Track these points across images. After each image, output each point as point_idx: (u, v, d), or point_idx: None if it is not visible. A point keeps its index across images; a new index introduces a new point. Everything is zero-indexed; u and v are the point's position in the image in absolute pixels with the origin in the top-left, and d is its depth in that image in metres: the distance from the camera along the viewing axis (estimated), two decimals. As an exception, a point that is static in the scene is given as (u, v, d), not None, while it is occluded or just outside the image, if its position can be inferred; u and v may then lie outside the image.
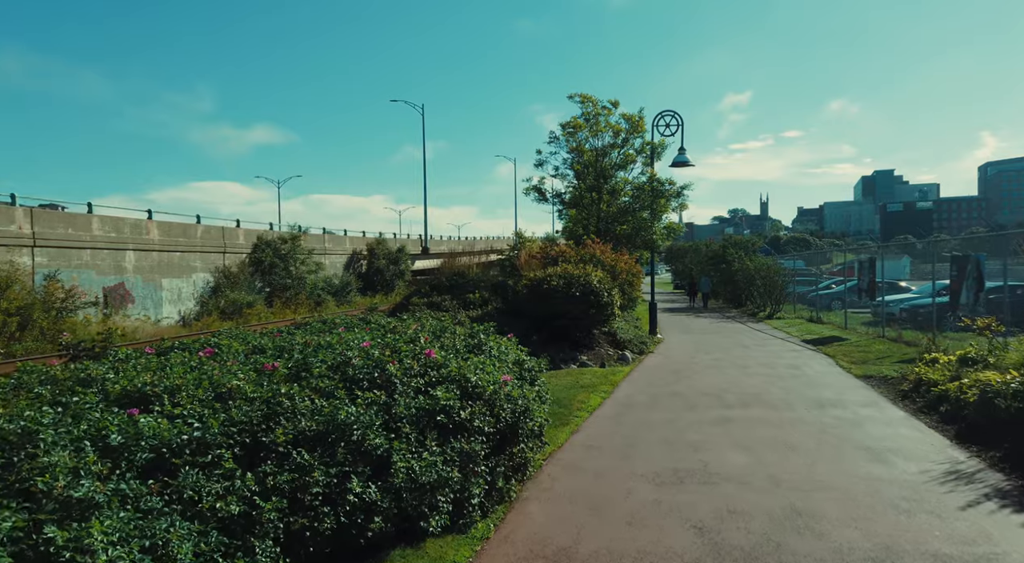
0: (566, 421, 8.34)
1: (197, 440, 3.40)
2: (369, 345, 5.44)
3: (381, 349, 5.45)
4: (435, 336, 7.27)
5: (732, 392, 10.15)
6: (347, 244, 40.57)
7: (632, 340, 15.50)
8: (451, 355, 5.98)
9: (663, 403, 9.46)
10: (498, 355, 7.09)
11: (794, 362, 13.72)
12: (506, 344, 7.80)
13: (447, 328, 7.73)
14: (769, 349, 16.16)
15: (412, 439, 4.51)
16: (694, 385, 10.89)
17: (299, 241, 32.96)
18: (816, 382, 11.02)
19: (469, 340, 7.05)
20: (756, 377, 11.67)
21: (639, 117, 18.87)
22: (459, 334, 7.43)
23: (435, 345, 6.73)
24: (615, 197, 19.88)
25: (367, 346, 5.40)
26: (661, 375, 12.12)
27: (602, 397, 9.97)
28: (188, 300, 26.63)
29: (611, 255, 15.96)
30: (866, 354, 14.65)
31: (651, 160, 18.79)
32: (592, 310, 13.56)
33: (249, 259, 30.64)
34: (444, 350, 6.47)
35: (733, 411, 8.76)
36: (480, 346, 7.02)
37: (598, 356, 13.90)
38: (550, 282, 13.52)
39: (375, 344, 5.63)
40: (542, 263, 15.67)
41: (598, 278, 13.84)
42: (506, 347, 7.52)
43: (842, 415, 8.38)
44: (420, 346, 5.82)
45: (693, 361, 13.92)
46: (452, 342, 6.85)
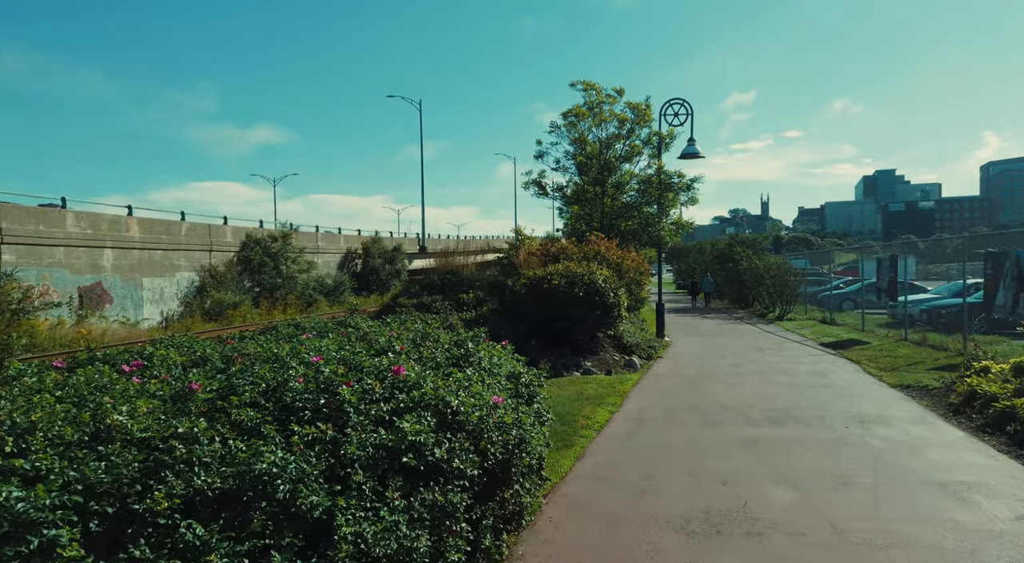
0: (570, 442, 7.16)
1: (14, 515, 2.22)
2: (321, 360, 4.25)
3: (336, 365, 4.26)
4: (414, 344, 6.09)
5: (756, 406, 8.96)
6: (341, 243, 39.38)
7: (640, 344, 14.32)
8: (429, 370, 4.80)
9: (680, 419, 8.27)
10: (489, 367, 5.91)
11: (817, 368, 12.55)
12: (499, 353, 6.61)
13: (431, 334, 6.54)
14: (786, 353, 14.99)
15: (366, 491, 3.33)
16: (712, 396, 9.71)
17: (290, 239, 31.78)
18: (849, 393, 9.84)
19: (454, 350, 5.87)
20: (780, 387, 10.49)
21: (646, 106, 17.66)
22: (443, 342, 6.24)
23: (413, 356, 5.53)
24: (620, 191, 18.66)
25: (318, 361, 4.21)
26: (674, 384, 10.94)
27: (610, 411, 8.79)
28: (171, 300, 25.44)
29: (617, 252, 14.77)
30: (893, 359, 13.48)
31: (658, 151, 17.60)
32: (597, 312, 12.38)
33: (237, 258, 29.46)
34: (422, 363, 5.28)
35: (762, 430, 7.57)
36: (467, 357, 5.83)
37: (603, 362, 12.72)
38: (551, 281, 12.34)
39: (329, 358, 4.44)
40: (542, 261, 14.49)
41: (603, 277, 12.66)
42: (499, 357, 6.33)
43: (891, 436, 7.20)
44: (390, 359, 4.63)
45: (707, 367, 12.74)
46: (433, 352, 5.67)
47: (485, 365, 5.88)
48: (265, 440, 3.21)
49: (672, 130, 17.40)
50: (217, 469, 2.91)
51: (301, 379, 3.89)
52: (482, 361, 5.89)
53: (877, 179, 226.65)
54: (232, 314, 22.64)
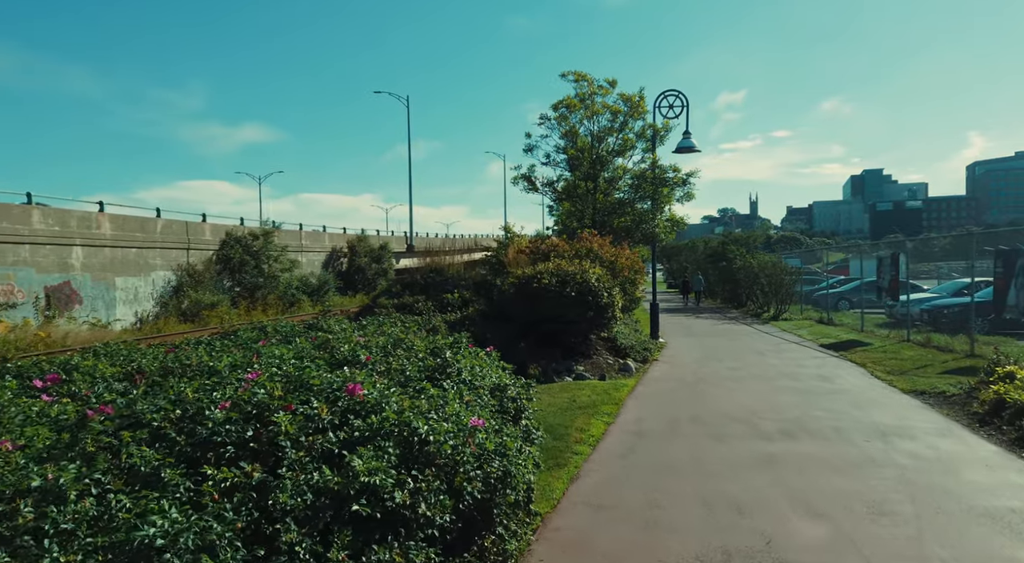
0: (563, 460, 6.39)
1: None
2: (257, 377, 3.44)
3: (276, 383, 3.46)
4: (384, 353, 5.30)
5: (765, 415, 8.24)
6: (326, 241, 38.42)
7: (634, 346, 13.58)
8: (395, 387, 4.01)
9: (683, 432, 7.53)
10: (471, 379, 5.13)
11: (822, 372, 11.87)
12: (483, 362, 5.83)
13: (404, 340, 5.75)
14: (788, 356, 14.32)
15: (301, 553, 2.54)
16: (716, 405, 8.98)
17: (272, 237, 30.79)
18: (861, 400, 9.14)
19: (429, 359, 5.08)
20: (786, 393, 9.79)
21: (639, 98, 16.92)
22: (418, 349, 5.46)
23: (380, 368, 4.74)
24: (612, 186, 17.87)
25: (253, 379, 3.41)
26: (673, 390, 10.20)
27: (606, 422, 8.03)
28: (146, 300, 24.43)
29: (610, 249, 14.02)
30: (900, 362, 12.84)
31: (653, 145, 16.86)
32: (590, 313, 11.63)
33: (216, 256, 28.45)
34: (390, 376, 4.49)
35: (775, 445, 6.84)
36: (445, 367, 5.05)
37: (597, 366, 11.97)
38: (541, 280, 11.57)
39: (272, 374, 3.64)
40: (532, 259, 13.71)
41: (597, 275, 11.91)
42: (482, 367, 5.55)
43: (918, 451, 6.49)
44: (345, 375, 3.83)
45: (706, 371, 12.03)
46: (404, 363, 4.88)
47: (466, 376, 5.10)
48: (162, 491, 2.41)
49: (667, 122, 16.69)
50: (82, 541, 2.11)
51: (227, 404, 3.09)
52: (462, 372, 5.11)
53: (865, 178, 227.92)
54: (208, 315, 21.67)
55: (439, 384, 4.77)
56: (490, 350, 6.53)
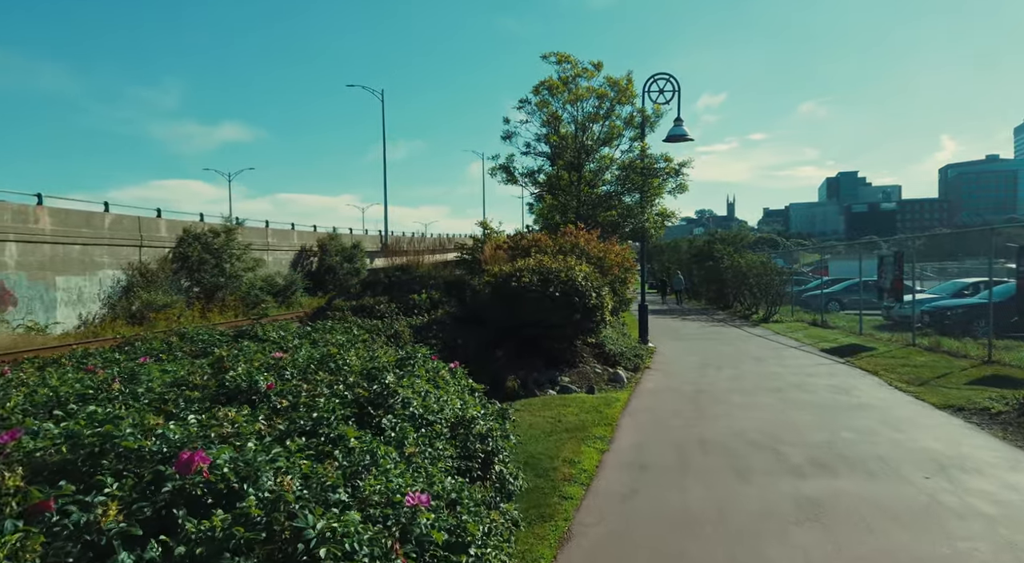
0: (548, 510, 4.94)
1: None
2: (13, 438, 1.93)
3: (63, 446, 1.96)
4: (303, 374, 3.80)
5: (787, 439, 6.89)
6: (295, 239, 36.56)
7: (624, 353, 12.20)
8: (291, 439, 2.53)
9: (695, 464, 6.13)
10: (422, 412, 3.65)
11: (834, 382, 10.61)
12: (443, 385, 4.37)
13: (336, 357, 4.25)
14: (790, 362, 13.07)
15: None
16: (725, 424, 7.61)
17: (235, 235, 28.89)
18: (892, 418, 7.84)
19: (360, 387, 3.59)
20: (802, 408, 8.47)
21: (627, 82, 15.54)
22: (353, 368, 3.96)
23: (285, 401, 3.25)
24: (598, 177, 16.47)
25: (9, 441, 1.91)
26: (672, 406, 8.82)
27: (599, 449, 6.60)
28: (92, 302, 22.48)
29: (598, 245, 12.62)
30: (915, 370, 11.64)
31: (642, 132, 15.50)
32: (576, 316, 10.21)
33: (173, 254, 26.52)
34: (291, 418, 3.00)
35: (813, 483, 5.48)
36: (384, 397, 3.57)
37: (584, 376, 10.55)
38: (520, 278, 10.13)
39: (58, 432, 2.13)
40: (511, 256, 12.28)
41: (584, 273, 10.51)
42: (441, 393, 4.09)
43: (997, 493, 5.16)
44: (181, 432, 2.33)
45: (705, 381, 10.69)
46: (323, 392, 3.39)
47: (416, 408, 3.61)
48: None
49: (658, 107, 15.37)
50: None
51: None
52: (410, 403, 3.62)
53: (840, 181, 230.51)
54: (156, 317, 19.85)
55: (374, 424, 3.30)
56: (455, 367, 5.07)
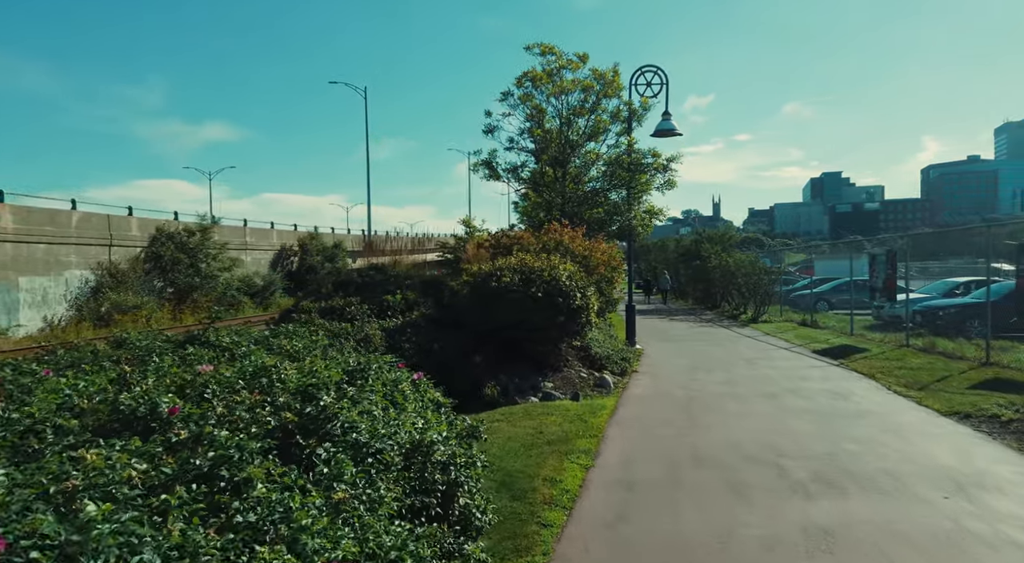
0: (525, 540, 4.34)
1: None
2: None
3: None
4: (230, 390, 3.16)
5: (786, 450, 6.35)
6: (274, 238, 35.70)
7: (611, 356, 11.64)
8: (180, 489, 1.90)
9: (688, 481, 5.56)
10: (368, 439, 3.03)
11: (829, 386, 10.13)
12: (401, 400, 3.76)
13: (274, 369, 3.60)
14: (782, 365, 12.59)
15: None
16: (719, 434, 7.05)
17: (210, 234, 28.05)
18: (896, 426, 7.33)
19: (287, 411, 2.95)
20: (799, 416, 7.94)
21: (613, 74, 14.98)
22: (288, 383, 3.32)
23: (190, 427, 2.61)
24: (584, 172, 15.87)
25: None
26: (662, 414, 8.26)
27: (583, 465, 6.01)
28: (57, 303, 21.57)
29: (583, 242, 12.04)
30: (912, 373, 11.20)
31: (628, 126, 14.94)
32: (560, 317, 9.63)
33: (145, 254, 25.63)
34: (196, 450, 2.36)
35: (819, 504, 4.92)
36: (321, 422, 2.93)
37: (568, 382, 9.97)
38: (501, 278, 9.52)
39: None
40: (492, 254, 11.68)
41: (568, 273, 9.92)
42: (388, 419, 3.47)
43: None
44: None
45: (696, 386, 10.15)
46: (240, 411, 2.76)
47: (363, 434, 2.99)
48: None
49: (645, 100, 14.78)
50: None
51: None
52: (355, 427, 3.00)
53: (824, 181, 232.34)
54: (122, 319, 19.00)
55: (304, 456, 2.67)
56: (418, 378, 4.45)
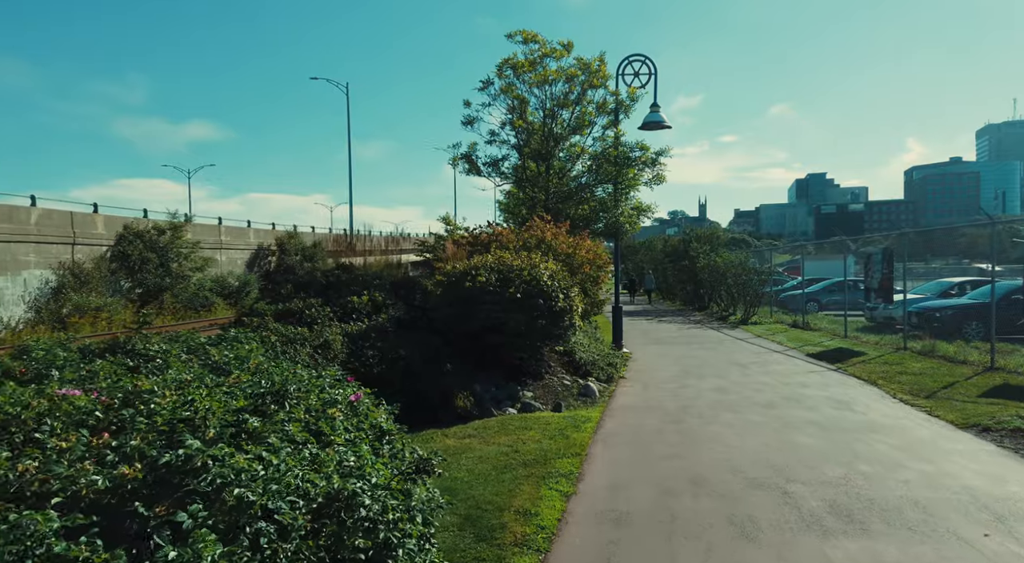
0: (488, 598, 3.53)
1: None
2: None
3: None
4: (74, 426, 2.30)
5: (795, 474, 5.58)
6: (251, 237, 34.58)
7: (596, 362, 10.86)
8: None
9: (686, 513, 4.77)
10: (260, 497, 2.18)
11: (831, 394, 9.43)
12: (329, 430, 2.94)
13: (144, 396, 2.75)
14: (777, 370, 11.91)
15: None
16: (718, 454, 6.28)
17: (181, 232, 26.93)
18: (911, 443, 6.61)
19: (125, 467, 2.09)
20: (803, 430, 7.20)
21: (599, 64, 14.16)
22: (158, 415, 2.47)
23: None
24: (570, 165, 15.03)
25: None
26: (653, 427, 7.47)
27: (563, 494, 5.20)
28: (14, 304, 20.42)
29: (567, 239, 11.23)
30: (915, 379, 10.55)
31: (615, 118, 14.16)
32: (541, 321, 8.82)
33: (112, 253, 24.49)
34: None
35: (840, 545, 4.16)
36: (184, 475, 2.09)
37: (550, 390, 9.17)
38: (476, 277, 8.70)
39: None
40: (469, 251, 10.86)
41: (550, 272, 9.12)
42: (286, 468, 2.63)
43: (1081, 557, 3.90)
44: None
45: (688, 394, 9.40)
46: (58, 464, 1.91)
47: (250, 488, 2.13)
48: None
49: (633, 90, 13.99)
50: None
51: None
52: (240, 479, 2.14)
53: (809, 182, 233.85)
54: (79, 321, 17.93)
55: (148, 533, 1.83)
56: (355, 399, 3.61)
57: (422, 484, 3.38)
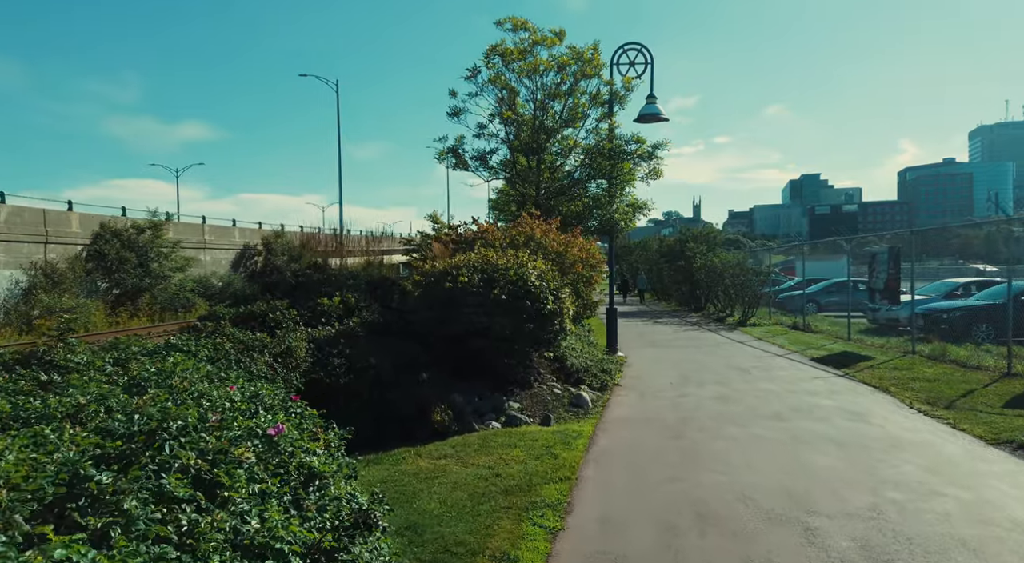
0: None
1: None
2: None
3: None
4: None
5: (817, 506, 4.84)
6: (236, 237, 33.71)
7: (589, 368, 10.11)
8: None
9: (692, 557, 4.02)
10: None
11: (842, 403, 8.72)
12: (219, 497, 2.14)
13: None
14: (780, 375, 11.21)
15: None
16: (728, 478, 5.54)
17: (162, 230, 26.04)
18: (942, 465, 5.89)
19: None
20: (819, 447, 6.47)
21: (592, 52, 13.40)
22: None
23: None
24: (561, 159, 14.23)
25: None
26: (652, 445, 6.73)
27: (549, 531, 4.45)
28: (-19, 306, 19.53)
29: (557, 237, 10.48)
30: (929, 386, 9.86)
31: (610, 109, 13.40)
32: (529, 324, 8.06)
33: (88, 252, 23.60)
34: None
35: (884, 600, 3.42)
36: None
37: (539, 401, 8.41)
38: (458, 277, 7.94)
39: None
40: (453, 249, 10.11)
41: (539, 271, 8.36)
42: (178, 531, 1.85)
43: None
44: None
45: (688, 404, 8.67)
46: None
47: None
48: None
49: (628, 80, 13.21)
50: None
51: None
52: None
53: (803, 183, 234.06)
54: (42, 324, 17.05)
55: None
56: (276, 433, 2.83)
57: (363, 543, 2.62)
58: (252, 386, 4.64)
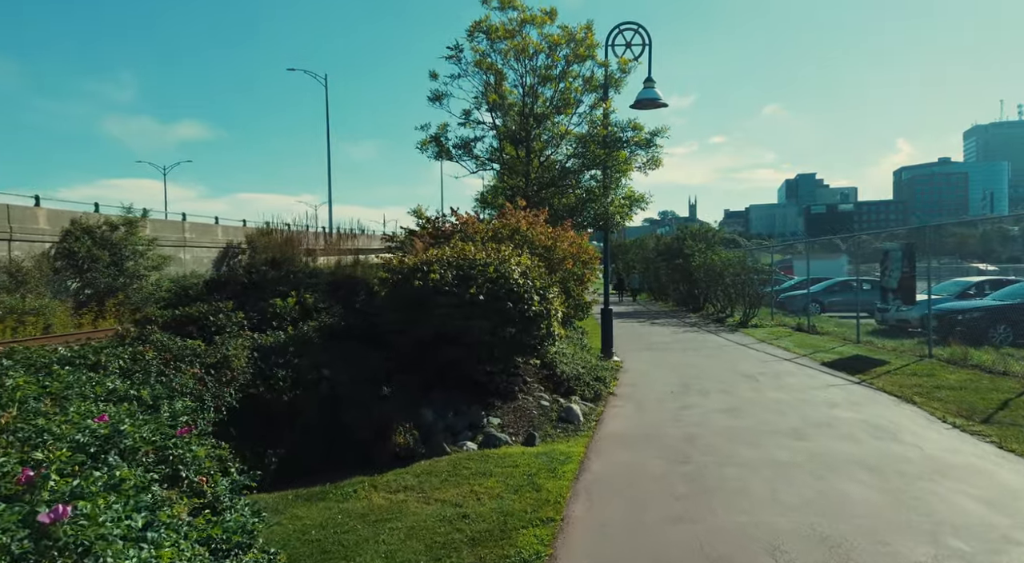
0: None
1: None
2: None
3: None
4: None
5: (862, 557, 3.84)
6: (219, 235, 32.56)
7: (581, 375, 9.08)
8: None
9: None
10: None
11: (864, 415, 7.76)
12: None
13: None
14: (790, 382, 10.24)
15: None
16: (746, 516, 4.53)
17: (137, 227, 24.92)
18: (1006, 498, 4.89)
19: None
20: (853, 476, 5.46)
21: (586, 32, 12.33)
22: None
23: None
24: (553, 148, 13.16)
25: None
26: (652, 470, 5.71)
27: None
28: (-63, 307, 18.36)
29: (545, 230, 9.45)
30: (956, 394, 8.91)
31: (604, 92, 12.35)
32: (511, 328, 7.03)
33: (57, 250, 22.47)
34: None
35: None
36: None
37: (524, 415, 7.37)
38: (429, 274, 6.90)
39: None
40: (429, 244, 9.08)
41: (523, 268, 7.33)
42: None
43: None
44: None
45: (692, 418, 7.66)
46: None
47: None
48: None
49: (624, 61, 12.17)
50: None
51: None
52: None
53: (799, 183, 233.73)
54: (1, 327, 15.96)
55: None
56: (51, 520, 1.78)
57: None
58: (153, 412, 3.61)
